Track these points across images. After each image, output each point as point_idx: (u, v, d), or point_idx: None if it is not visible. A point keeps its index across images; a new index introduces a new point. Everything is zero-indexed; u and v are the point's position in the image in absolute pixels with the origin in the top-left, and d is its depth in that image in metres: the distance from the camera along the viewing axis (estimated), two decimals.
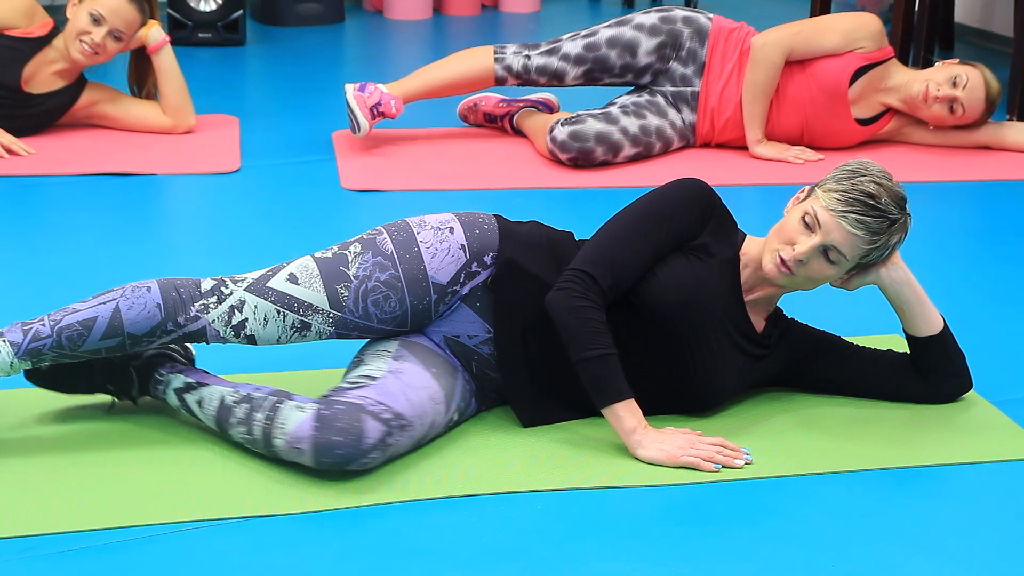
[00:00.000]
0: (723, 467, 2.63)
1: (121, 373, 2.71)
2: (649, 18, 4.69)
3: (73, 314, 2.61)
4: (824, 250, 2.71)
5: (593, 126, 4.52)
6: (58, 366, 2.65)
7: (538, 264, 2.78)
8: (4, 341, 2.60)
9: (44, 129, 4.76)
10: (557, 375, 2.75)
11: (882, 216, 2.69)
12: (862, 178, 2.70)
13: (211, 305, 2.65)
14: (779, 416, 2.86)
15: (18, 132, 4.64)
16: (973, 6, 6.92)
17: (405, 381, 2.62)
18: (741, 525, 2.47)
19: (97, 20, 4.51)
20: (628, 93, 4.71)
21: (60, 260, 3.73)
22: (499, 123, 4.93)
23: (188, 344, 2.84)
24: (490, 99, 4.91)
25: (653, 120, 4.63)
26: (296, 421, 2.50)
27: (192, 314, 2.64)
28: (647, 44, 4.65)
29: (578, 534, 2.43)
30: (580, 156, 4.52)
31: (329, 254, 2.73)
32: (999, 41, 6.76)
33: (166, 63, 4.72)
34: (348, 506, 2.47)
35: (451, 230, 2.76)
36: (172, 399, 2.69)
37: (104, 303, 2.62)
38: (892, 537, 2.44)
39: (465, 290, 2.76)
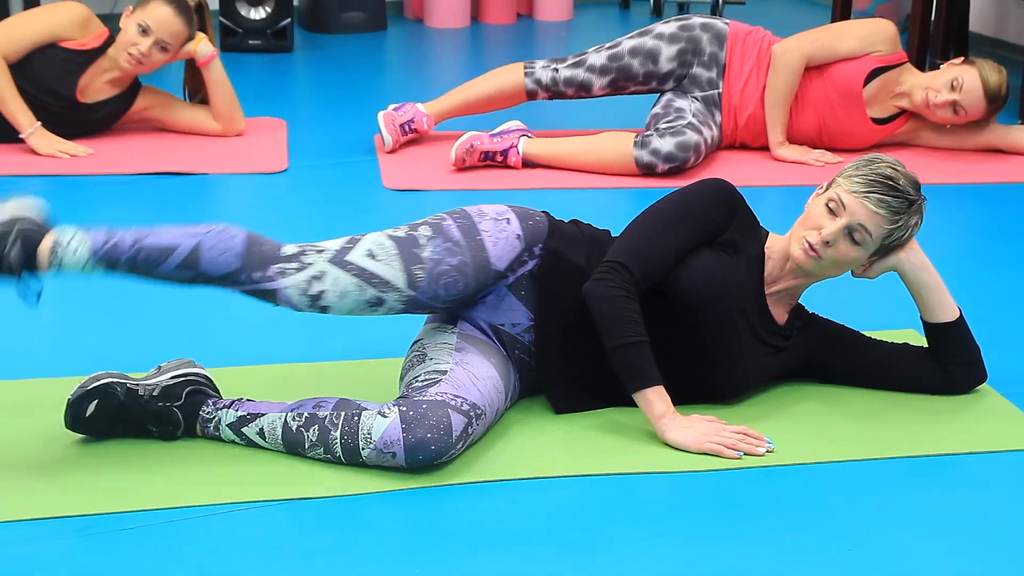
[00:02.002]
0: (745, 454, 2.62)
1: (166, 416, 2.60)
2: (668, 27, 4.70)
3: (156, 237, 2.57)
4: (849, 232, 2.73)
5: (693, 137, 4.50)
6: (99, 414, 2.58)
7: (580, 257, 2.78)
8: (86, 241, 2.57)
9: (102, 132, 4.77)
10: (592, 365, 2.74)
11: (901, 196, 2.73)
12: (879, 164, 2.76)
13: (289, 271, 2.61)
14: (800, 406, 2.85)
15: (77, 136, 4.66)
16: (987, 16, 6.88)
17: (472, 372, 2.62)
18: (762, 510, 2.46)
19: (144, 31, 4.52)
20: (681, 98, 4.67)
21: None
22: (497, 159, 4.59)
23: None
24: (479, 136, 4.60)
25: (714, 129, 4.65)
26: (382, 427, 2.47)
27: (269, 274, 2.60)
28: (668, 51, 4.65)
29: (607, 517, 2.42)
30: (682, 164, 4.50)
31: (401, 233, 2.70)
32: (1012, 49, 6.73)
33: (216, 75, 4.74)
34: (388, 489, 2.47)
35: (508, 221, 2.76)
36: (227, 434, 2.60)
37: (189, 236, 2.58)
38: (906, 523, 2.43)
39: (512, 278, 2.76)
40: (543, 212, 2.85)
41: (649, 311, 2.72)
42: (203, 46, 4.66)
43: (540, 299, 2.75)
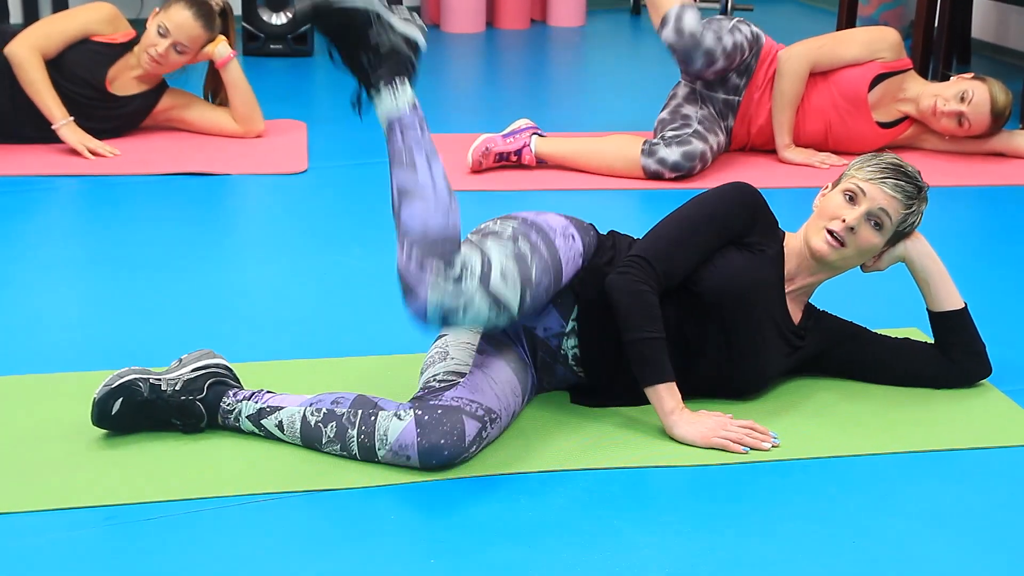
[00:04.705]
0: (751, 449, 2.62)
1: (189, 409, 2.59)
2: (738, 37, 4.58)
3: (416, 158, 2.56)
4: (869, 217, 2.75)
5: (699, 146, 4.49)
6: (124, 411, 2.57)
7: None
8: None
9: (129, 131, 4.80)
10: (622, 373, 2.74)
11: (912, 182, 2.77)
12: (884, 156, 2.81)
13: (440, 284, 2.46)
14: (805, 402, 2.85)
15: (105, 134, 4.69)
16: (989, 22, 6.87)
17: (490, 376, 2.61)
18: (769, 503, 2.46)
19: (163, 33, 4.56)
20: (689, 103, 4.66)
21: (142, 252, 3.75)
22: (512, 159, 4.59)
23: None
24: (493, 139, 4.58)
25: (721, 135, 4.64)
26: (397, 430, 2.47)
27: (425, 270, 2.46)
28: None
29: (617, 510, 2.42)
30: (688, 172, 4.49)
31: (511, 250, 2.59)
32: (1013, 55, 6.71)
33: (233, 76, 4.76)
34: (403, 482, 2.47)
35: (573, 238, 2.72)
36: (247, 426, 2.60)
37: (431, 177, 2.54)
38: (909, 516, 2.42)
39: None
40: (591, 225, 2.84)
41: (677, 307, 2.73)
42: (221, 48, 4.69)
43: (582, 314, 2.73)
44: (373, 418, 2.50)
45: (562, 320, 2.75)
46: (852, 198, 2.76)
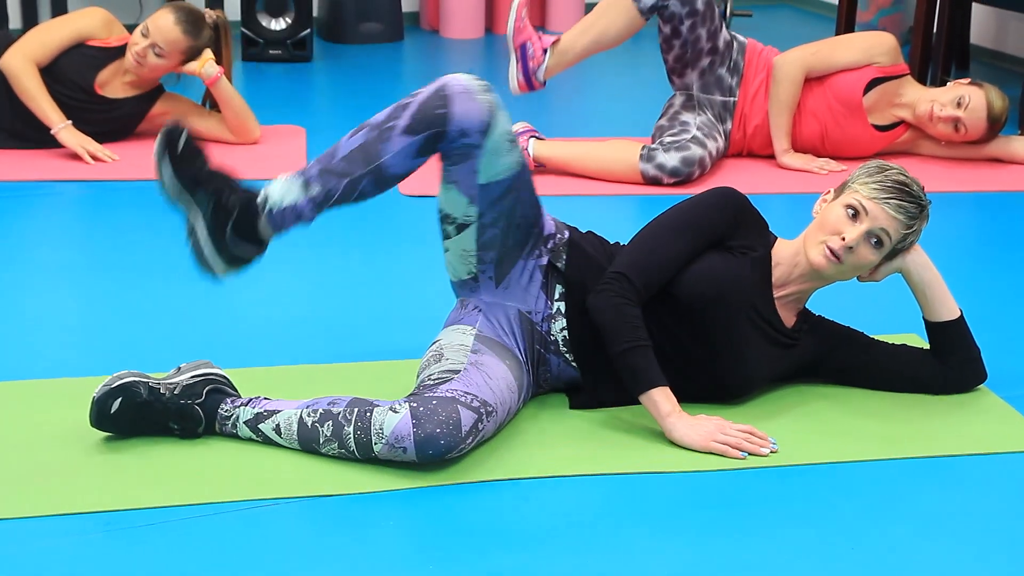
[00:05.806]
0: (749, 454, 2.62)
1: (188, 413, 2.60)
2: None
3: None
4: (869, 236, 2.74)
5: (697, 152, 4.49)
6: (123, 412, 2.57)
7: (596, 252, 2.82)
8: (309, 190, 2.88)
9: (126, 136, 4.81)
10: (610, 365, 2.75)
11: (916, 202, 2.75)
12: (890, 171, 2.78)
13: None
14: (803, 407, 2.85)
15: (101, 138, 4.70)
16: (987, 28, 6.87)
17: (485, 372, 2.62)
18: (767, 509, 2.46)
19: (144, 34, 4.59)
20: (688, 111, 4.66)
21: (141, 257, 3.76)
22: None
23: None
24: None
25: (720, 140, 4.64)
26: (393, 422, 2.47)
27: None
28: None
29: (615, 516, 2.42)
30: (687, 178, 4.49)
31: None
32: (1011, 61, 6.72)
33: (223, 93, 4.77)
34: (401, 488, 2.47)
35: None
36: (244, 431, 2.60)
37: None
38: (907, 522, 2.42)
39: (544, 258, 2.78)
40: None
41: (658, 313, 2.73)
42: (208, 67, 4.69)
43: (567, 288, 2.77)
44: (369, 414, 2.50)
45: (547, 300, 2.77)
46: (855, 215, 2.75)
